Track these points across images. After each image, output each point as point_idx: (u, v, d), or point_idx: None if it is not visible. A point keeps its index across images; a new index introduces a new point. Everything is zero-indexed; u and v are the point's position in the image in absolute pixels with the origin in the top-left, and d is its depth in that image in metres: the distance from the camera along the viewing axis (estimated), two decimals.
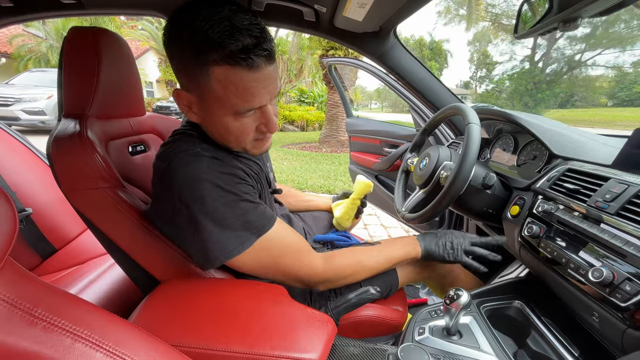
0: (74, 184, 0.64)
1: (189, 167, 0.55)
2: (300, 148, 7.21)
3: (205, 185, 0.53)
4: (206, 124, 0.60)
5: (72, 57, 0.69)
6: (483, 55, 37.96)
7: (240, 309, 0.56)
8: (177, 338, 0.48)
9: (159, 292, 0.60)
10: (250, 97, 0.53)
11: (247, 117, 0.56)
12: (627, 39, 29.76)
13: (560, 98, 30.54)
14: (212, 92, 0.52)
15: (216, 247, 0.55)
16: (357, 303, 0.65)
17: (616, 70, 31.69)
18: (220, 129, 0.58)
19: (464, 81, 42.07)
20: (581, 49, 31.08)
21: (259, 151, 0.64)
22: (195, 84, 0.53)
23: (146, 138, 0.93)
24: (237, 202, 0.56)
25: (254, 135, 0.60)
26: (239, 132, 0.57)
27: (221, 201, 0.54)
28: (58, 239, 1.16)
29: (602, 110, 25.89)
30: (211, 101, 0.54)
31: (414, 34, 42.18)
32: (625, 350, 0.47)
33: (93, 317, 0.37)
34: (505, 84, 34.21)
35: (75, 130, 0.64)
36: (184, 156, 0.56)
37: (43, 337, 0.31)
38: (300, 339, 0.51)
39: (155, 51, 15.68)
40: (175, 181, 0.55)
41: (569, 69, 31.49)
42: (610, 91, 30.89)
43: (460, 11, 30.49)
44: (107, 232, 0.66)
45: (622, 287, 0.46)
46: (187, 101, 0.57)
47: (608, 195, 0.55)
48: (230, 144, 0.60)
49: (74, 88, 0.70)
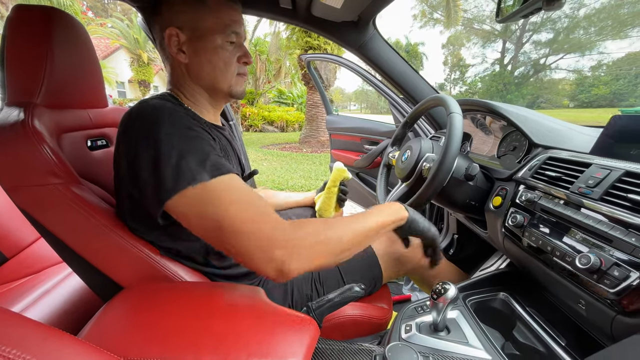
0: (18, 181, 0.56)
1: (151, 108, 0.55)
2: (281, 149, 7.13)
3: (166, 120, 0.53)
4: (197, 60, 0.63)
5: (16, 38, 0.61)
6: (456, 58, 39.40)
7: (213, 315, 0.51)
8: (137, 351, 0.42)
9: (119, 299, 0.53)
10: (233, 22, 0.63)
11: (230, 45, 0.64)
12: (586, 44, 31.93)
13: (528, 99, 32.25)
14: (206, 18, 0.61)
15: (170, 180, 0.49)
16: (341, 302, 0.61)
17: (577, 74, 33.90)
18: (212, 57, 0.63)
19: (438, 83, 43.39)
20: (545, 53, 33.01)
21: (241, 89, 0.69)
22: (190, 15, 0.61)
23: (108, 132, 0.85)
24: (199, 142, 0.53)
25: (237, 68, 0.67)
26: (226, 57, 0.64)
27: (181, 138, 0.52)
28: (9, 247, 1.04)
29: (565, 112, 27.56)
30: (204, 28, 0.62)
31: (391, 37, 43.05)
32: (614, 337, 0.46)
33: (27, 334, 0.31)
34: (477, 85, 35.70)
35: (18, 118, 0.56)
36: (152, 102, 0.57)
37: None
38: (279, 344, 0.47)
39: (126, 50, 15.05)
40: (137, 120, 0.55)
41: (535, 72, 33.34)
42: (572, 93, 32.98)
43: (435, 15, 31.49)
44: (59, 234, 0.59)
45: (610, 272, 0.45)
46: (178, 41, 0.62)
47: (591, 180, 0.54)
48: (219, 73, 0.65)
49: (18, 73, 0.61)
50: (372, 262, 0.83)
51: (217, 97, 0.69)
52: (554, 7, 0.44)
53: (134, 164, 0.53)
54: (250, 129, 10.87)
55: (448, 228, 1.41)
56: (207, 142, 0.55)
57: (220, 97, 0.69)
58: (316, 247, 0.51)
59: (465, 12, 30.87)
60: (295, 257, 0.49)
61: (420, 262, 0.87)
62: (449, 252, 1.35)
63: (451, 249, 1.36)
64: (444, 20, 11.55)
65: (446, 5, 10.98)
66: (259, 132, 10.81)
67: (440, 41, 51.34)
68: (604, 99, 30.07)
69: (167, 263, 0.62)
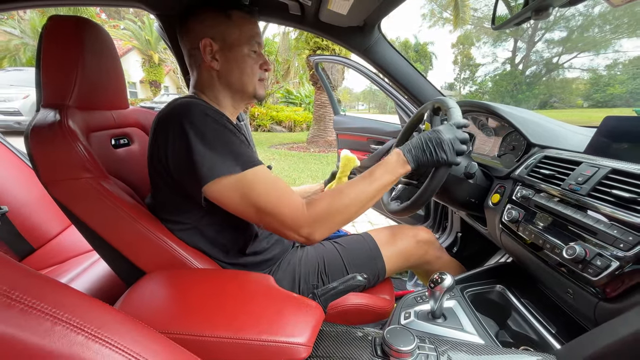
0: (55, 175, 0.62)
1: (188, 107, 0.63)
2: (288, 148, 7.20)
3: (200, 116, 0.61)
4: (227, 66, 0.71)
5: (52, 45, 0.67)
6: (466, 58, 38.91)
7: (227, 297, 0.56)
8: (163, 325, 0.47)
9: (144, 281, 0.59)
10: (254, 35, 0.72)
11: (253, 54, 0.73)
12: (601, 42, 31.13)
13: (540, 99, 31.62)
14: (233, 32, 0.70)
15: (206, 168, 0.58)
16: (344, 290, 0.66)
17: (591, 73, 33.08)
18: (241, 64, 0.72)
19: (448, 83, 42.98)
20: (558, 52, 32.31)
21: (262, 92, 0.77)
22: (221, 29, 0.69)
23: (130, 131, 0.91)
24: (228, 135, 0.61)
25: (259, 74, 0.75)
26: (252, 65, 0.73)
27: (213, 130, 0.60)
28: (36, 238, 1.12)
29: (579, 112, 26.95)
30: (232, 39, 0.70)
31: (400, 36, 42.83)
32: (597, 322, 0.50)
33: (74, 301, 0.36)
34: (487, 85, 35.16)
35: (55, 119, 0.62)
36: (184, 100, 0.66)
37: (21, 320, 0.31)
38: (288, 324, 0.51)
39: (138, 51, 15.34)
40: (174, 115, 0.62)
41: (547, 71, 32.66)
42: (586, 93, 32.19)
43: (444, 14, 31.18)
44: (90, 224, 0.65)
45: (593, 262, 0.49)
46: (211, 49, 0.70)
47: (580, 178, 0.58)
48: (246, 77, 0.73)
49: (53, 77, 0.68)
50: (375, 256, 0.87)
51: (242, 99, 0.77)
52: (541, 17, 0.48)
53: (174, 153, 0.61)
54: (259, 129, 10.98)
55: (452, 226, 1.44)
56: (237, 137, 0.63)
57: (245, 99, 0.77)
58: (333, 218, 0.64)
59: (475, 11, 30.48)
60: (318, 229, 0.63)
61: (423, 257, 0.91)
62: (452, 249, 1.39)
63: (455, 247, 1.39)
64: (454, 19, 11.44)
65: (455, 5, 10.87)
66: (267, 131, 10.91)
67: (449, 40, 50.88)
68: (619, 99, 29.31)
69: (185, 252, 0.68)
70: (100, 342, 0.34)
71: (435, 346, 0.50)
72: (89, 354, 0.32)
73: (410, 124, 1.05)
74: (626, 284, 0.45)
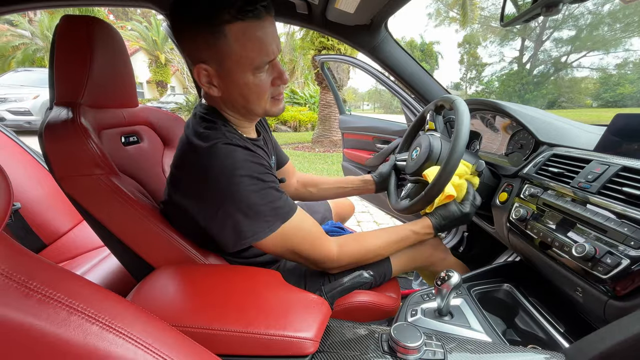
0: (68, 171, 0.64)
1: (228, 158, 0.59)
2: (294, 148, 7.21)
3: (242, 174, 0.59)
4: (228, 93, 0.63)
5: (64, 44, 0.68)
6: (473, 57, 38.55)
7: (236, 292, 0.57)
8: (173, 318, 0.48)
9: (155, 276, 0.60)
10: (264, 47, 0.57)
11: (262, 73, 0.60)
12: (611, 41, 30.60)
13: (548, 99, 31.19)
14: (231, 53, 0.56)
15: (247, 230, 0.60)
16: (351, 287, 0.66)
17: (600, 72, 32.53)
18: (243, 91, 0.61)
19: (454, 82, 42.59)
20: (567, 51, 31.84)
21: (277, 109, 0.68)
22: (214, 52, 0.57)
23: (139, 129, 0.93)
24: (267, 190, 0.62)
25: (270, 92, 0.64)
26: (259, 89, 0.62)
27: (254, 189, 0.60)
28: (47, 235, 1.14)
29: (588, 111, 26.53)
30: (230, 64, 0.58)
31: (405, 36, 42.65)
32: (607, 320, 0.50)
33: (89, 292, 0.37)
34: (494, 85, 34.81)
35: (68, 117, 0.64)
36: (223, 144, 0.60)
37: (38, 309, 0.31)
38: (295, 320, 0.52)
39: (145, 51, 15.52)
40: (214, 166, 0.59)
41: (555, 70, 32.21)
42: (595, 92, 31.67)
43: (451, 13, 30.94)
44: (101, 220, 0.66)
45: (603, 260, 0.48)
46: (207, 75, 0.60)
47: (590, 175, 0.57)
48: (252, 105, 0.64)
49: (66, 76, 0.69)
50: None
51: (254, 118, 0.72)
52: (551, 14, 0.47)
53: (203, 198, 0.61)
54: None
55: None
56: (271, 175, 0.64)
57: (258, 117, 0.72)
58: (356, 262, 0.75)
59: (482, 10, 30.19)
60: (342, 266, 0.75)
61: (429, 258, 0.91)
62: (458, 249, 1.38)
63: (461, 247, 1.38)
64: (460, 18, 11.35)
65: (463, 4, 10.78)
66: (272, 131, 10.93)
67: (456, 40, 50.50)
68: (630, 98, 28.80)
69: (194, 249, 0.69)
70: (114, 332, 0.35)
71: (442, 343, 0.50)
72: (103, 344, 0.32)
73: (414, 127, 1.05)
74: (637, 282, 0.45)
